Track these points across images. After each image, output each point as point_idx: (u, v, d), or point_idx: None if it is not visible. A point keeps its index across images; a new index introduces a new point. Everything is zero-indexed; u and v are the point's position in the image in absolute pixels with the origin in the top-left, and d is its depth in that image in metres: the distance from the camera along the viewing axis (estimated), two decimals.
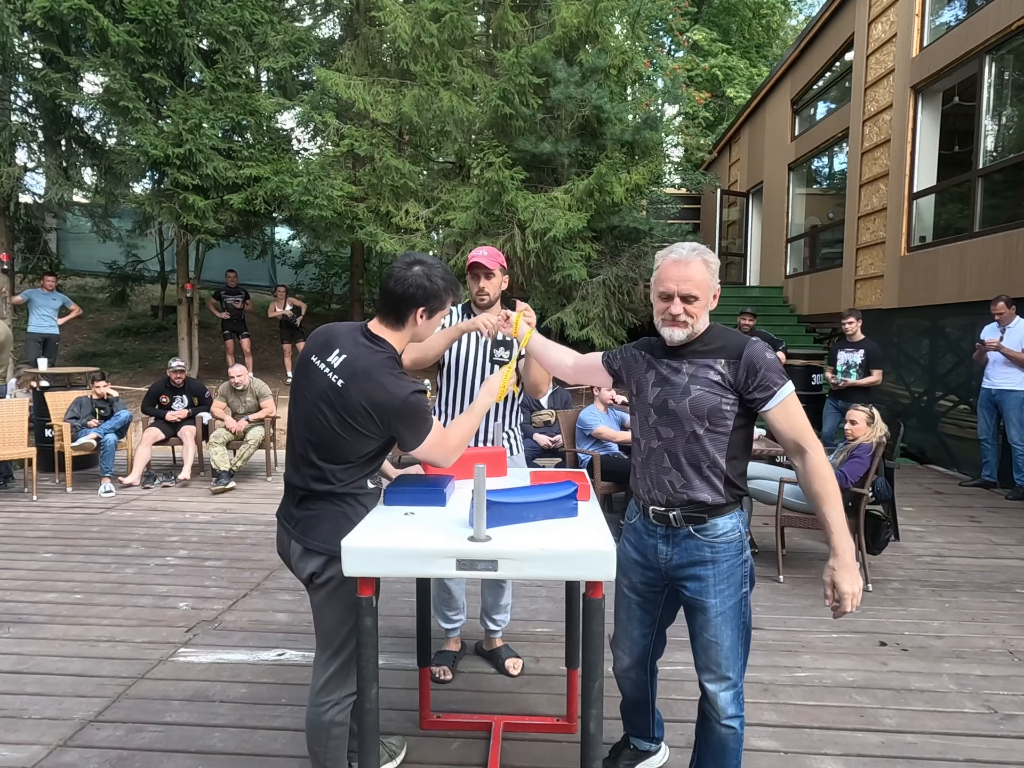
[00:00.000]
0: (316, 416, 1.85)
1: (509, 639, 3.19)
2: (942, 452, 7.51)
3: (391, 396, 1.77)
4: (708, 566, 1.88)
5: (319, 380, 1.85)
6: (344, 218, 9.63)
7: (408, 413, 1.79)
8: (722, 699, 1.90)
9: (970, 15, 7.24)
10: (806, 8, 23.60)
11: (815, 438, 1.84)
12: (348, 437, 1.82)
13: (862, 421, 4.07)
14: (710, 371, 1.86)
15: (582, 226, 8.78)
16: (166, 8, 8.36)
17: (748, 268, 13.89)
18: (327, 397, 1.83)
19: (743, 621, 1.92)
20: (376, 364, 1.81)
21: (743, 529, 1.92)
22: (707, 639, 1.90)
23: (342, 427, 1.81)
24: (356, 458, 1.85)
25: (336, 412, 1.81)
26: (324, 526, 1.86)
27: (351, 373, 1.80)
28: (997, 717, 2.65)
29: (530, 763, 2.36)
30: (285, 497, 1.98)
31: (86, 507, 5.62)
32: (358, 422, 1.80)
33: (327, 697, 1.91)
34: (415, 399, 1.79)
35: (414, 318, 1.88)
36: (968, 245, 7.13)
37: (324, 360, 1.86)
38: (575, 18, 9.06)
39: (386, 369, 1.81)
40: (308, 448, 1.87)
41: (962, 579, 4.11)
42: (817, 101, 11.39)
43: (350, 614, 1.85)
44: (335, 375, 1.82)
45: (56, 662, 3.03)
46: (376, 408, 1.78)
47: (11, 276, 9.91)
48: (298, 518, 1.90)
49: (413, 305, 1.86)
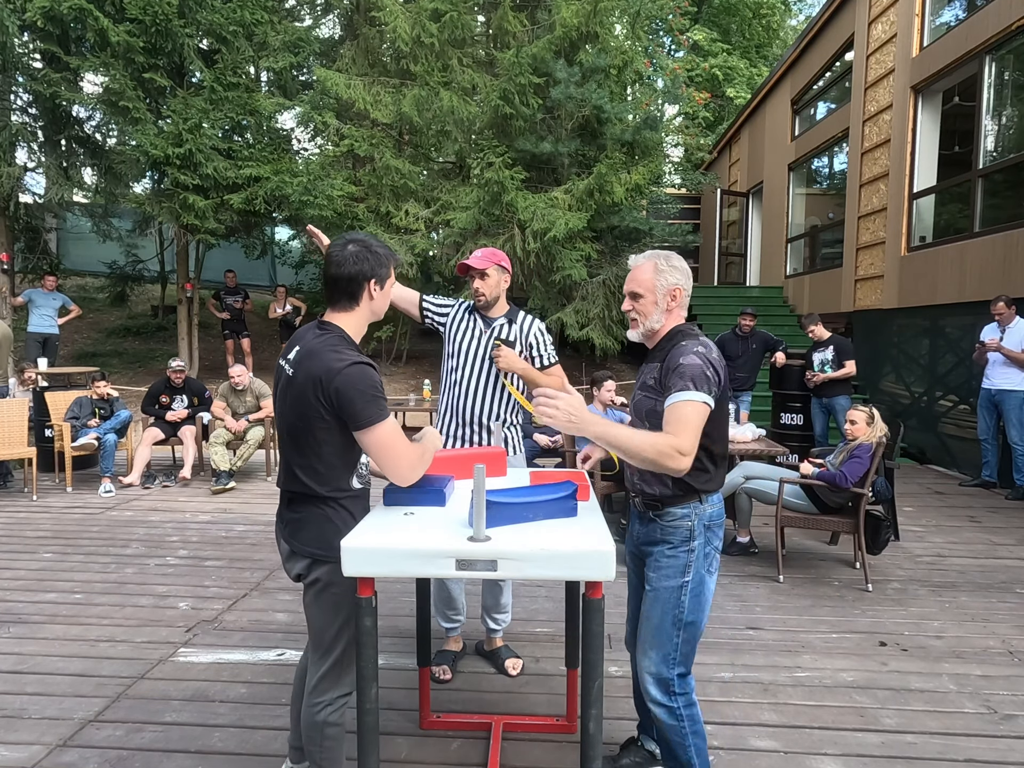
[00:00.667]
0: (282, 415, 1.88)
1: (509, 639, 3.19)
2: (942, 452, 7.52)
3: (329, 369, 1.73)
4: (657, 545, 2.02)
5: (280, 378, 1.89)
6: (344, 218, 9.63)
7: (347, 384, 1.72)
8: (645, 679, 2.00)
9: (970, 15, 7.24)
10: (806, 8, 23.62)
11: (689, 439, 1.80)
12: (304, 424, 1.80)
13: (862, 421, 4.07)
14: (650, 376, 2.00)
15: (582, 226, 8.78)
16: (166, 8, 8.37)
17: (748, 268, 13.88)
18: (284, 392, 1.86)
19: (679, 610, 1.96)
20: (320, 344, 1.80)
21: (697, 521, 1.96)
22: (643, 612, 2.04)
23: (299, 417, 1.80)
24: (325, 452, 1.82)
25: (291, 402, 1.82)
26: (309, 529, 1.87)
27: (298, 360, 1.83)
28: (997, 717, 2.65)
29: (530, 763, 2.36)
30: (279, 498, 2.01)
31: (86, 507, 5.62)
32: (308, 404, 1.77)
33: (319, 698, 1.91)
34: (356, 369, 1.73)
35: (368, 292, 1.88)
36: (968, 245, 7.13)
37: (285, 359, 1.90)
38: (575, 18, 9.06)
39: (328, 347, 1.78)
40: (288, 450, 1.88)
41: (962, 579, 4.11)
42: (817, 101, 11.39)
43: (338, 615, 1.87)
44: (289, 369, 1.86)
45: (56, 662, 3.03)
46: (315, 384, 1.74)
47: (11, 276, 9.91)
48: (288, 519, 1.93)
49: (363, 280, 1.86)
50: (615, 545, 1.63)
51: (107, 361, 10.92)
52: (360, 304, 1.89)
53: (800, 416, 7.12)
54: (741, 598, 3.79)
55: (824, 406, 6.94)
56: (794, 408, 7.15)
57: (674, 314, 2.01)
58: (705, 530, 1.97)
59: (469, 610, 3.18)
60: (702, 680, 2.89)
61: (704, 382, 1.84)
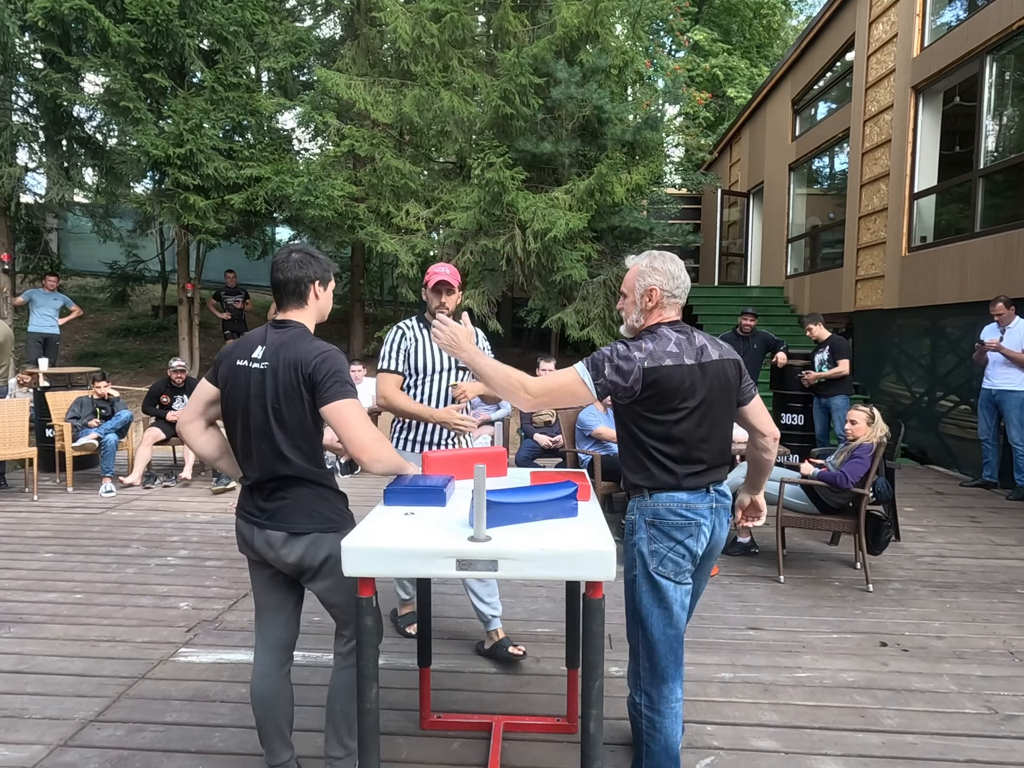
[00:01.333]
0: (259, 409, 1.95)
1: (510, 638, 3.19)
2: (943, 452, 7.51)
3: (308, 353, 1.92)
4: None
5: (250, 377, 1.97)
6: (345, 218, 9.63)
7: (322, 367, 1.90)
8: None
9: (971, 15, 7.24)
10: (807, 8, 23.61)
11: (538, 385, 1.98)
12: (290, 406, 1.93)
13: (862, 421, 4.07)
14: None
15: (583, 226, 8.78)
16: (167, 8, 8.37)
17: (749, 268, 13.88)
18: (260, 385, 1.95)
19: (633, 606, 2.07)
20: (290, 336, 1.98)
21: (639, 516, 2.04)
22: None
23: (286, 399, 1.93)
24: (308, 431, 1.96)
25: (273, 390, 1.94)
26: (305, 507, 1.97)
27: (272, 352, 1.96)
28: (998, 718, 2.65)
29: (530, 763, 2.36)
30: (246, 497, 2.06)
31: (87, 507, 5.62)
32: (292, 386, 1.92)
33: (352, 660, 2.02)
34: (330, 355, 1.94)
35: (313, 293, 2.06)
36: (969, 245, 7.13)
37: (248, 358, 1.99)
38: (576, 18, 9.06)
39: (299, 338, 1.97)
40: (274, 438, 1.96)
41: (963, 579, 4.11)
42: (818, 101, 11.39)
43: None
44: (262, 364, 1.96)
45: (56, 662, 3.03)
46: (296, 368, 1.91)
47: (12, 276, 9.92)
48: (274, 508, 1.98)
49: (308, 282, 2.04)
50: (615, 545, 1.63)
51: (108, 361, 10.93)
52: (308, 304, 2.06)
53: (801, 416, 7.12)
54: (742, 598, 3.79)
55: (823, 406, 6.95)
56: (795, 408, 7.15)
57: (653, 313, 2.06)
58: (648, 526, 2.00)
59: (467, 610, 3.18)
60: (702, 680, 2.89)
61: (593, 365, 1.96)
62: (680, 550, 1.98)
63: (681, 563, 1.98)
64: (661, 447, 1.98)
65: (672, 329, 2.03)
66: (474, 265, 9.38)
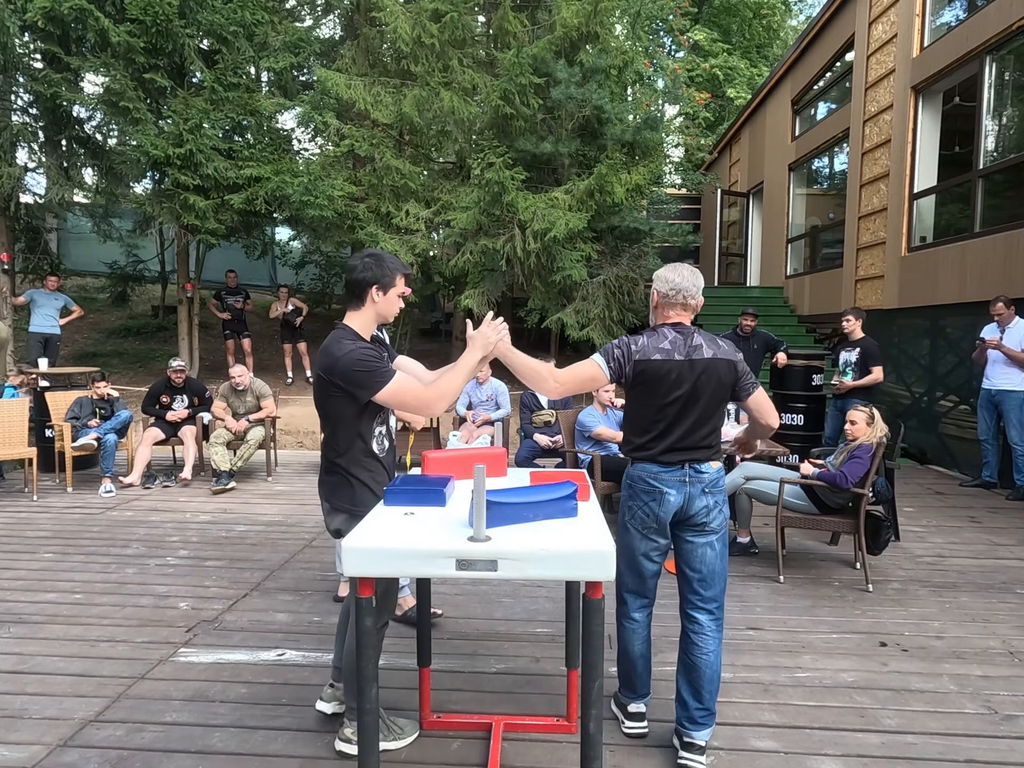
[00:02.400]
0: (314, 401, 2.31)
1: (509, 639, 3.19)
2: (942, 452, 7.51)
3: (333, 357, 2.14)
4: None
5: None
6: (344, 218, 9.62)
7: (348, 367, 2.11)
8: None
9: (971, 15, 7.24)
10: (806, 8, 23.60)
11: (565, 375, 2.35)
12: (322, 404, 2.23)
13: (862, 421, 4.07)
14: None
15: (582, 226, 8.77)
16: (167, 8, 8.36)
17: (748, 268, 13.88)
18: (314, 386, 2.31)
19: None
20: (330, 340, 2.21)
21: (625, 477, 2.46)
22: None
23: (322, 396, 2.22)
24: (340, 421, 2.22)
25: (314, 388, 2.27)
26: (340, 490, 2.28)
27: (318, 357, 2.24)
28: (997, 718, 2.65)
29: (530, 763, 2.36)
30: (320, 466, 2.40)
31: (86, 507, 5.62)
32: (322, 386, 2.19)
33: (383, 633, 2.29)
34: (356, 353, 2.11)
35: (371, 296, 2.25)
36: (968, 245, 7.13)
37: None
38: (575, 18, 9.05)
39: (334, 340, 2.19)
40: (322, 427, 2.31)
41: (962, 579, 4.11)
42: (817, 101, 11.39)
43: None
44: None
45: (56, 662, 3.03)
46: (327, 370, 2.15)
47: (12, 276, 9.91)
48: (325, 483, 2.33)
49: (367, 285, 2.24)
50: (615, 545, 1.63)
51: (107, 361, 10.93)
52: (365, 304, 2.26)
53: (801, 416, 7.11)
54: (741, 598, 3.79)
55: (839, 408, 6.70)
56: (795, 408, 7.14)
57: (658, 313, 2.45)
58: (627, 487, 2.43)
59: (467, 610, 3.17)
60: None
61: (606, 352, 2.36)
62: (646, 509, 2.36)
63: (647, 520, 2.37)
64: (646, 426, 2.36)
65: (673, 329, 2.36)
66: (474, 265, 9.37)
